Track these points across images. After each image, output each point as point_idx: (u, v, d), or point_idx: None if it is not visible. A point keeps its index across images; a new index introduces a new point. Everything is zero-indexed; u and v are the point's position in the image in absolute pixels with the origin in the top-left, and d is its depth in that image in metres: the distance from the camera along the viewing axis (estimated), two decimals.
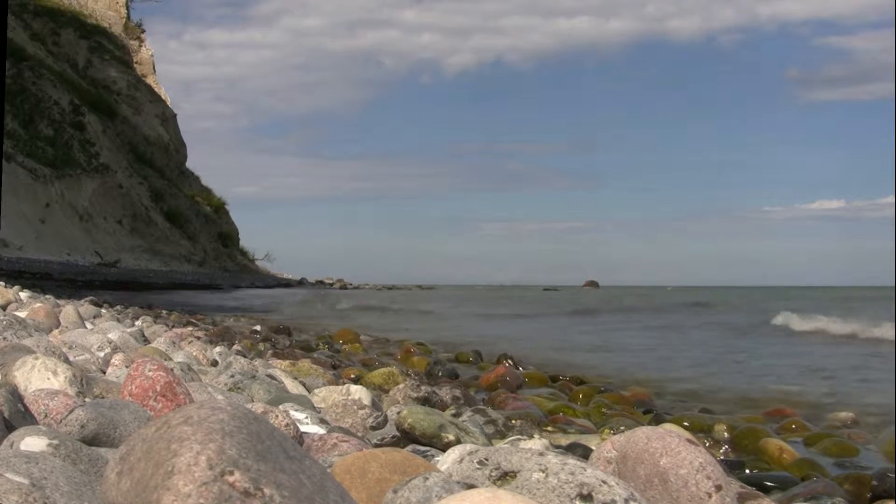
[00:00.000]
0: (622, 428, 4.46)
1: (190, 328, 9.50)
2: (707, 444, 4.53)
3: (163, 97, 63.30)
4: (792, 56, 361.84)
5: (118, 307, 12.93)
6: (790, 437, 4.93)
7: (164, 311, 14.26)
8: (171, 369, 2.64)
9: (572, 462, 1.66)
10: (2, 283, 10.63)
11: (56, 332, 5.15)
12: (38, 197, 39.85)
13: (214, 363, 5.03)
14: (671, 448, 1.81)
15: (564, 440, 4.12)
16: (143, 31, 65.11)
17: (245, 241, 65.06)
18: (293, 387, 4.16)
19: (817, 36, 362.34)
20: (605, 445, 2.01)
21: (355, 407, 3.27)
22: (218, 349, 5.81)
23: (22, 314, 5.64)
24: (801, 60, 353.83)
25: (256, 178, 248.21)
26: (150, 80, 62.76)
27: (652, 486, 1.81)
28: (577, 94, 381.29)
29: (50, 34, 54.48)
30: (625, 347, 13.23)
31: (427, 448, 2.68)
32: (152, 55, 65.32)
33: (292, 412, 2.81)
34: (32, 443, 1.67)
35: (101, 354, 4.02)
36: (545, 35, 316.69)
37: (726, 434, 4.85)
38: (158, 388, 2.35)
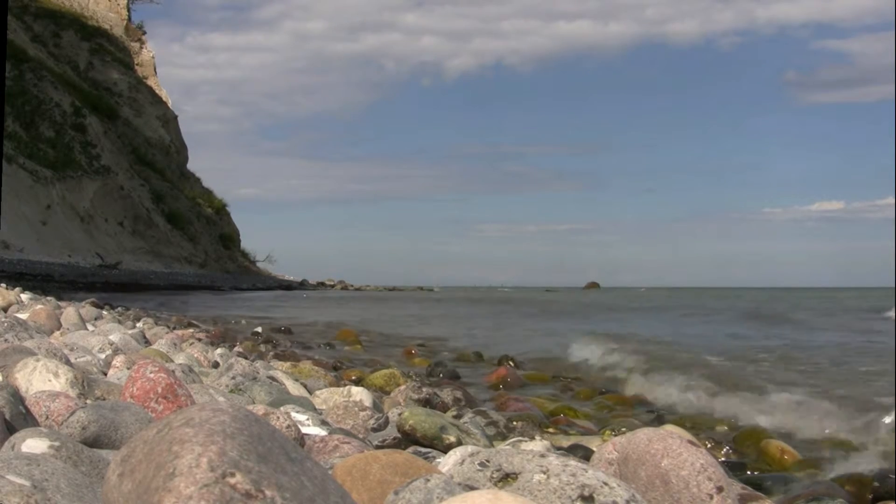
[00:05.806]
0: (623, 429, 4.45)
1: (191, 330, 9.50)
2: (708, 446, 4.53)
3: (164, 99, 63.29)
4: (790, 58, 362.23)
5: (119, 308, 12.94)
6: (790, 438, 4.92)
7: (166, 313, 14.26)
8: (173, 371, 2.64)
9: (573, 463, 1.66)
10: (3, 285, 10.63)
11: (57, 333, 5.16)
12: (40, 199, 39.85)
13: (215, 365, 5.02)
14: (672, 449, 1.81)
15: (566, 442, 4.11)
16: (144, 33, 65.11)
17: (246, 243, 65.07)
18: (294, 388, 4.16)
19: (815, 39, 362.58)
20: (607, 447, 2.01)
21: (356, 408, 3.27)
22: (219, 351, 5.81)
23: (23, 316, 5.64)
24: (799, 63, 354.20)
25: (258, 181, 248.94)
26: (151, 82, 62.76)
27: (653, 487, 1.80)
28: (578, 96, 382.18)
29: (51, 36, 54.51)
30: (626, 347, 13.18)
31: (428, 450, 2.67)
32: (153, 57, 65.29)
33: (293, 414, 2.81)
34: (34, 444, 1.67)
35: (103, 356, 4.02)
36: (545, 38, 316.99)
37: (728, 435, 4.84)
38: (160, 389, 2.35)
